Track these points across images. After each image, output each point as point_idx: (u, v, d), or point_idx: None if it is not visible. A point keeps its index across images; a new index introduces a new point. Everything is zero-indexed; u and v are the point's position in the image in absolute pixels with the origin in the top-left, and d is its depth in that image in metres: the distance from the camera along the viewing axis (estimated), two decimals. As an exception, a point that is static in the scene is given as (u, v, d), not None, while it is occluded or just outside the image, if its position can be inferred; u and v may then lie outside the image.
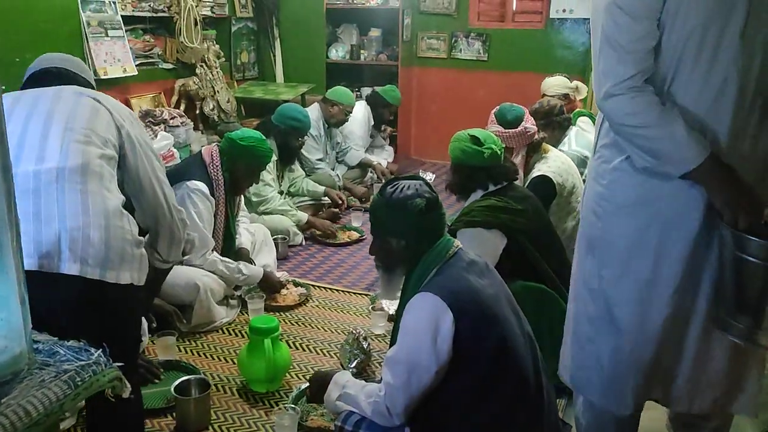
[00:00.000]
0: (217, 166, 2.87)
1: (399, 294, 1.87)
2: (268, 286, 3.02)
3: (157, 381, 2.32)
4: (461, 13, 5.67)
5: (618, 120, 1.51)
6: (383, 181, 4.86)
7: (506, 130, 2.90)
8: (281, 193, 3.97)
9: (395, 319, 1.89)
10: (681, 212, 1.51)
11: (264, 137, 3.03)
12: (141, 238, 1.64)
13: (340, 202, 4.26)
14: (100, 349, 1.13)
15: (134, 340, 1.78)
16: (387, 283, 1.81)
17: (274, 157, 3.73)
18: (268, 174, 3.71)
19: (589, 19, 5.16)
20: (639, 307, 1.59)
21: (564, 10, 5.20)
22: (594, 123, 3.63)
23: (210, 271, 2.77)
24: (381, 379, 1.70)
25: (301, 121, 3.84)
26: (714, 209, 1.48)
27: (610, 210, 1.61)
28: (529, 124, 2.93)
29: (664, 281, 1.55)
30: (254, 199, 3.69)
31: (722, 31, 1.38)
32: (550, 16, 5.29)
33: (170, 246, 1.82)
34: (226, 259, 2.86)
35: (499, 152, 2.52)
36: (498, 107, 3.00)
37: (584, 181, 3.30)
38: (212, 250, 2.81)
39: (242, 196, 3.20)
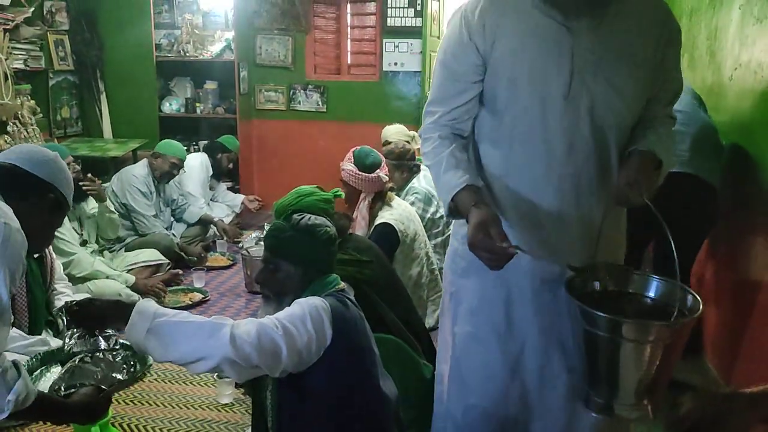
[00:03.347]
0: None
1: None
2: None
3: None
4: (298, 67, 5.72)
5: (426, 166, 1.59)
6: (225, 238, 4.68)
7: (360, 173, 2.93)
8: (84, 243, 3.61)
9: None
10: (522, 272, 1.48)
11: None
12: None
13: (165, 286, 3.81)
14: None
15: None
16: (271, 314, 1.68)
17: None
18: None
19: (419, 72, 5.47)
20: (486, 367, 1.57)
21: (396, 64, 5.44)
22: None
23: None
24: None
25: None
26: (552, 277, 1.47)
27: (463, 266, 1.60)
28: (383, 173, 2.98)
29: (509, 342, 1.55)
30: (59, 259, 3.12)
31: (546, 92, 1.40)
32: (384, 69, 5.51)
33: None
34: (21, 336, 2.44)
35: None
36: (359, 147, 3.04)
37: (434, 218, 3.47)
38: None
39: (57, 262, 2.87)
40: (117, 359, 1.65)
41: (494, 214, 1.38)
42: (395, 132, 4.28)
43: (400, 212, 3.03)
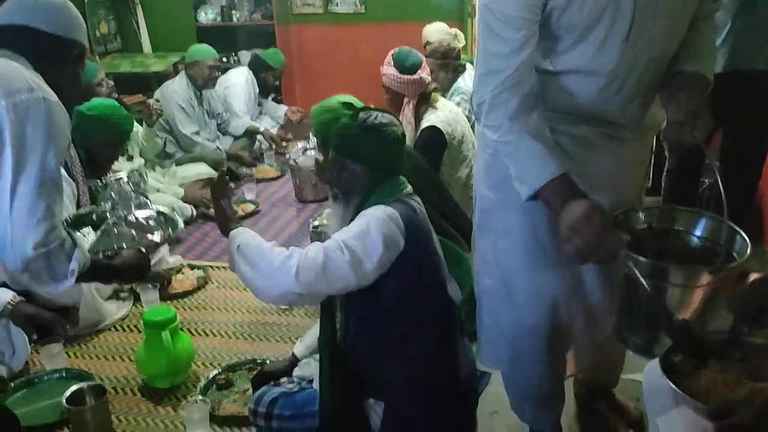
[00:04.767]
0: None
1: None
2: (152, 279, 2.74)
3: None
4: (334, -35, 5.48)
5: (487, 135, 1.41)
6: (273, 147, 4.70)
7: (402, 76, 2.84)
8: (131, 158, 3.67)
9: None
10: None
11: (117, 104, 2.79)
12: None
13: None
14: None
15: None
16: (339, 214, 1.71)
17: None
18: None
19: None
20: (532, 279, 1.55)
21: (436, -45, 5.15)
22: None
23: None
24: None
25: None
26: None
27: (498, 180, 1.52)
28: (424, 73, 2.88)
29: (556, 255, 1.48)
30: None
31: (607, 35, 1.31)
32: (424, -38, 5.23)
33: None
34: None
35: None
36: (397, 49, 2.93)
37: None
38: None
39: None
40: (149, 222, 1.70)
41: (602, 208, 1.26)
42: (437, 30, 4.10)
43: (446, 114, 2.95)
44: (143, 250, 1.66)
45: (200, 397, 1.99)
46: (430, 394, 1.63)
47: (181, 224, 1.88)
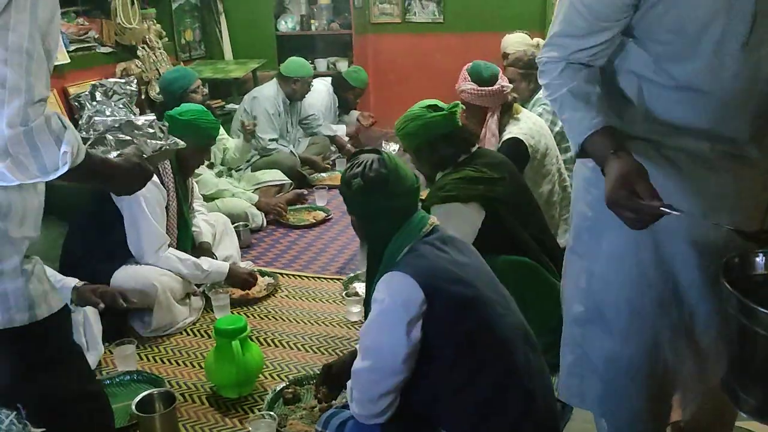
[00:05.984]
0: None
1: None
2: (237, 282, 2.80)
3: None
4: (413, -25, 5.44)
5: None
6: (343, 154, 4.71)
7: (482, 88, 2.73)
8: (211, 165, 3.77)
9: (365, 299, 1.82)
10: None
11: (206, 109, 2.82)
12: None
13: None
14: (13, 413, 0.88)
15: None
16: (360, 256, 1.82)
17: None
18: None
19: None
20: (633, 312, 1.39)
21: (518, -36, 5.02)
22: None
23: (167, 270, 2.57)
24: None
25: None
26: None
27: (599, 196, 1.35)
28: (504, 82, 2.77)
29: (659, 280, 1.36)
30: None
31: (720, 41, 1.18)
32: (505, -29, 5.11)
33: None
34: (184, 255, 2.65)
35: (458, 114, 2.36)
36: (471, 64, 2.84)
37: (563, 132, 3.19)
38: (167, 245, 2.60)
39: (194, 184, 2.98)
40: (149, 128, 1.52)
41: (638, 164, 1.18)
42: (516, 42, 3.95)
43: (529, 126, 2.82)
44: (145, 155, 1.44)
45: (268, 413, 1.94)
46: (501, 430, 1.51)
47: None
